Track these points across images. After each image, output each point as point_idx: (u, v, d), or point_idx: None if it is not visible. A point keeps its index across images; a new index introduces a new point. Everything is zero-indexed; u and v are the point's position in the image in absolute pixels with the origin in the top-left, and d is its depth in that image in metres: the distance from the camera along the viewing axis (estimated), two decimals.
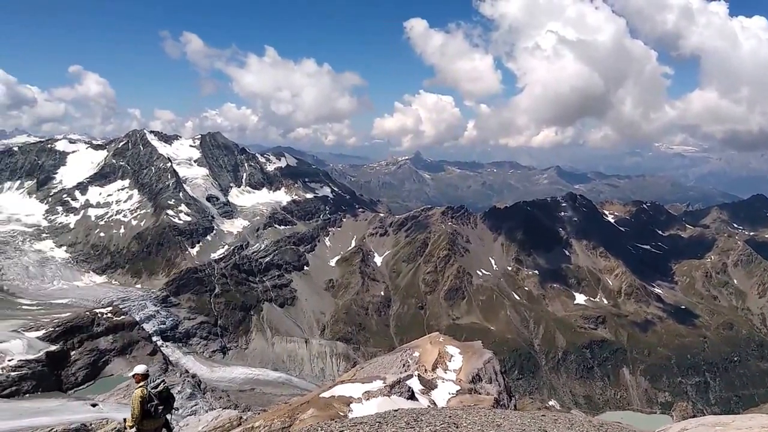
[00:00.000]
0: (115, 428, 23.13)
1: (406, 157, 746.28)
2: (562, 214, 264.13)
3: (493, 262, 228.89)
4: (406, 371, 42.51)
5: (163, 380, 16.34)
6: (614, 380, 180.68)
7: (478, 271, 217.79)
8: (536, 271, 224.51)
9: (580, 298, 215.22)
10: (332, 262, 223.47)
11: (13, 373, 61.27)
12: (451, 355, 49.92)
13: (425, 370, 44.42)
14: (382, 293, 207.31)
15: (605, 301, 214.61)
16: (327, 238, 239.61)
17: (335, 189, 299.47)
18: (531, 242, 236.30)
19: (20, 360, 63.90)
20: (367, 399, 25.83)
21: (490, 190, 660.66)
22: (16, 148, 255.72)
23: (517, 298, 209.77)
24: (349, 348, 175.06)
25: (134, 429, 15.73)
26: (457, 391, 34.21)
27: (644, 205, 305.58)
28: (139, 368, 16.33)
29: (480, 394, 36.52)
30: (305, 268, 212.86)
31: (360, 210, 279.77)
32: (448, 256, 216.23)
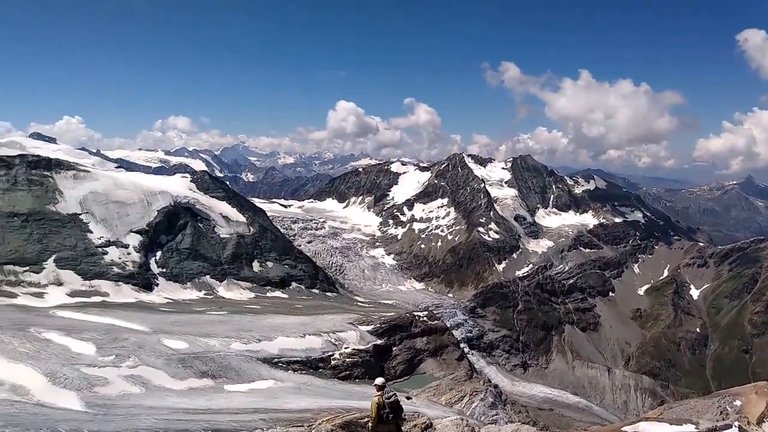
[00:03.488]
0: (425, 422, 24.16)
1: (735, 182, 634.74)
2: None
3: None
4: (723, 420, 35.42)
5: (395, 393, 18.28)
6: None
7: None
8: None
9: None
10: (641, 291, 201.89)
11: (348, 359, 68.44)
12: None
13: (747, 422, 36.16)
14: (698, 330, 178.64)
15: None
16: (636, 265, 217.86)
17: (647, 214, 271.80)
18: None
19: (354, 349, 71.15)
20: None
21: None
22: (361, 169, 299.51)
23: None
24: (656, 384, 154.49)
25: (371, 429, 18.14)
26: None
27: None
28: (379, 380, 18.33)
29: None
30: (610, 294, 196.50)
31: (675, 237, 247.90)
32: None
